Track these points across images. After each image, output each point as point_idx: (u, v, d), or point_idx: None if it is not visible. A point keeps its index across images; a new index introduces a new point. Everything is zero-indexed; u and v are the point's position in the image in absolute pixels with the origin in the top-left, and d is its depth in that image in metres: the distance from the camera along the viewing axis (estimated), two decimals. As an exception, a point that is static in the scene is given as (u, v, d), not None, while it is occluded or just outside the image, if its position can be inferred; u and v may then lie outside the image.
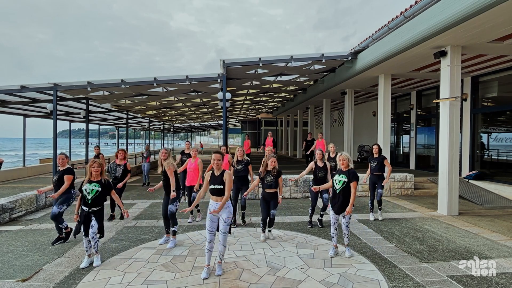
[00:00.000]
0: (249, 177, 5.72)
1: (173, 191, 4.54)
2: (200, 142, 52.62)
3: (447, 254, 4.20)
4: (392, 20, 6.90)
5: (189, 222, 5.82)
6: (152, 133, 36.57)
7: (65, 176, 4.71)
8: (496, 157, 8.95)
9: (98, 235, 3.92)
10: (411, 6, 6.22)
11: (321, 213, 5.56)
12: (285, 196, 8.10)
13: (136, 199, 8.15)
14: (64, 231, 4.77)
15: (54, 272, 3.71)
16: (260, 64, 8.44)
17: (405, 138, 13.14)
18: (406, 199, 8.06)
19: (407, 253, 4.25)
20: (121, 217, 6.05)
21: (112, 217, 6.03)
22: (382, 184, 5.96)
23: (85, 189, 3.91)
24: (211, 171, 3.75)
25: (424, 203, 7.48)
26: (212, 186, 3.66)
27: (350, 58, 8.76)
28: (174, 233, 4.61)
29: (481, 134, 9.29)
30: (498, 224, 5.72)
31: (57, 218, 4.66)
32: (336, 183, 4.16)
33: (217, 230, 3.68)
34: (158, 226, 5.63)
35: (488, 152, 9.18)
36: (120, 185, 5.93)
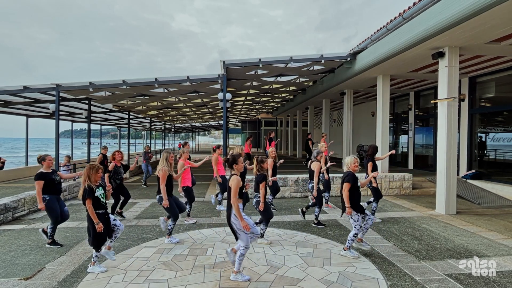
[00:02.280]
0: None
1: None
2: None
3: (445, 253, 4.25)
4: (391, 21, 6.94)
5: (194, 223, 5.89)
6: (153, 133, 36.56)
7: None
8: (493, 157, 9.00)
9: None
10: (409, 8, 6.26)
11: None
12: (285, 196, 8.16)
13: (138, 198, 8.21)
14: None
15: (56, 271, 3.76)
16: (260, 65, 8.49)
17: (403, 138, 13.18)
18: (405, 198, 8.11)
19: (406, 252, 4.30)
20: (120, 214, 6.23)
21: (120, 214, 6.22)
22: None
23: (100, 195, 3.80)
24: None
25: (422, 202, 7.54)
26: None
27: (349, 59, 8.81)
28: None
29: (479, 134, 9.35)
30: (496, 223, 5.77)
31: None
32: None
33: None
34: (159, 225, 5.68)
35: (485, 152, 9.23)
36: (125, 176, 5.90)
